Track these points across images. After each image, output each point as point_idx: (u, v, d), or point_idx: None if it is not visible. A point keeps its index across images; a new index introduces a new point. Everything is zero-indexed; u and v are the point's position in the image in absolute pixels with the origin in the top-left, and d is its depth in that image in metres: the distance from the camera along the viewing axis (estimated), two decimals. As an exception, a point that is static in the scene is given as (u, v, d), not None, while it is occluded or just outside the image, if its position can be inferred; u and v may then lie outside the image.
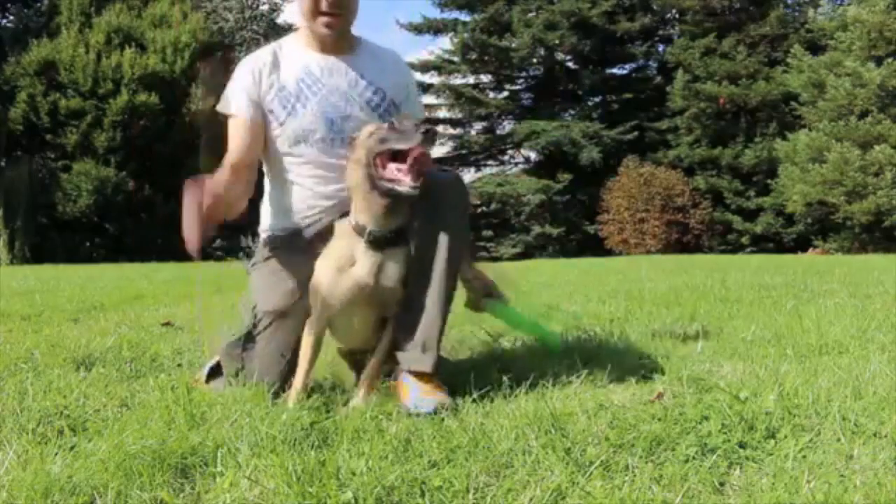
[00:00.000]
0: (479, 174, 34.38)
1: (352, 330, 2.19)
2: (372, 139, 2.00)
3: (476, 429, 1.72)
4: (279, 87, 2.23)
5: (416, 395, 2.02)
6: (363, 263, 2.03)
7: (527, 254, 28.67)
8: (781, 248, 26.94)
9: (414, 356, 2.11)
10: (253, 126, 2.22)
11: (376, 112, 2.24)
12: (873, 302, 4.27)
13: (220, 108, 2.28)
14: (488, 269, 2.50)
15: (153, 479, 1.46)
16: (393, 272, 2.05)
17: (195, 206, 1.86)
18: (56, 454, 1.60)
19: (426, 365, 2.09)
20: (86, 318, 4.52)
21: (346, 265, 2.04)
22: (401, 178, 1.95)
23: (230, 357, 2.27)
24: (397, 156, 1.96)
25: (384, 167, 1.98)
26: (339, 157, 2.18)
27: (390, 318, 2.15)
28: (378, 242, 2.02)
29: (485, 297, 2.42)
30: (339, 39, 2.24)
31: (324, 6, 2.14)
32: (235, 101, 2.24)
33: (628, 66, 34.11)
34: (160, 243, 23.41)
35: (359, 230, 2.03)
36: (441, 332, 2.14)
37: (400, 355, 2.14)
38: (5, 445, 1.69)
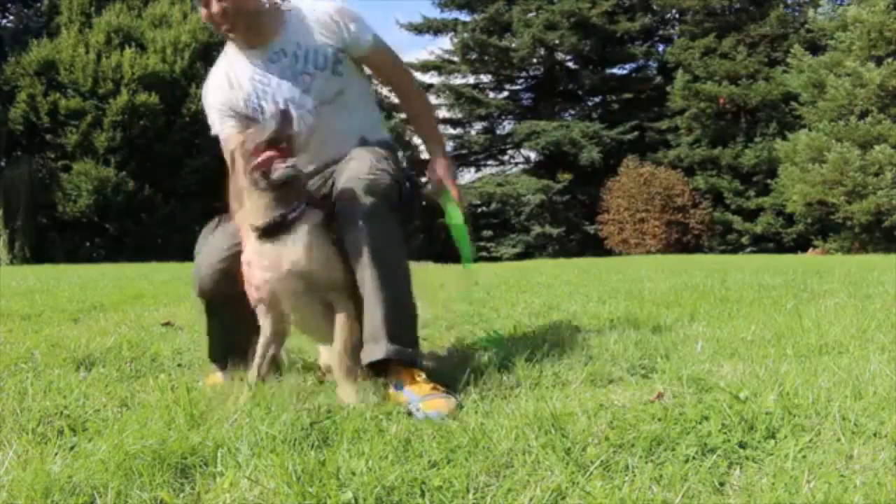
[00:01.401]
0: (479, 174, 34.44)
1: (304, 321, 2.27)
2: (242, 147, 2.10)
3: (476, 429, 1.72)
4: (244, 95, 2.30)
5: (416, 402, 1.98)
6: (262, 257, 2.12)
7: (527, 254, 28.68)
8: (781, 248, 26.95)
9: (366, 350, 2.13)
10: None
11: (329, 69, 2.26)
12: (873, 302, 4.27)
13: (212, 132, 2.39)
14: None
15: (153, 479, 1.46)
16: (294, 254, 2.09)
17: None
18: (56, 454, 1.60)
19: (377, 353, 2.09)
20: (86, 318, 4.51)
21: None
22: (271, 165, 2.04)
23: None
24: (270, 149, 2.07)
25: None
26: (308, 125, 2.26)
27: (337, 304, 2.17)
28: (267, 233, 2.10)
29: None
30: (256, 33, 2.23)
31: (213, 27, 2.24)
32: (214, 123, 2.36)
33: (628, 66, 34.20)
34: (160, 243, 23.43)
35: (254, 230, 2.13)
36: (387, 317, 2.11)
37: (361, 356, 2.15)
38: (5, 445, 1.69)
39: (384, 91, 33.25)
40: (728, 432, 1.62)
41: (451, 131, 34.58)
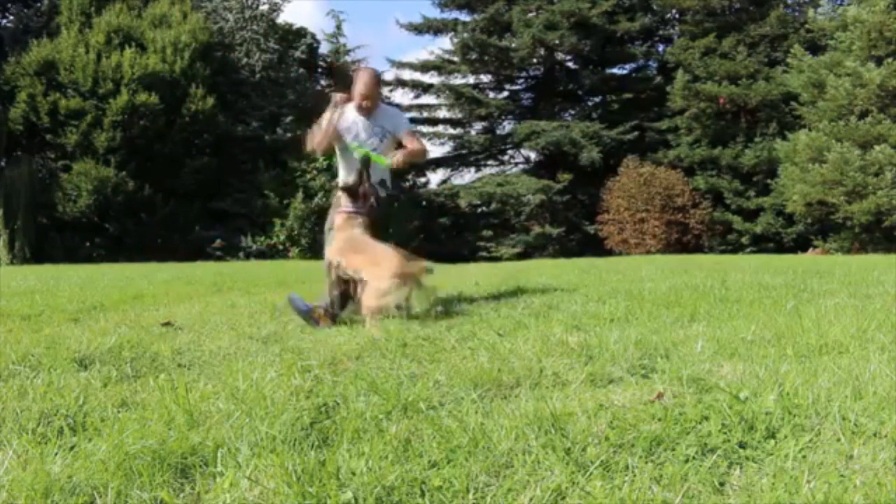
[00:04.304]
0: (479, 174, 34.40)
1: None
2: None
3: (476, 429, 1.72)
4: (345, 126, 4.65)
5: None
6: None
7: (527, 254, 28.66)
8: (781, 248, 26.94)
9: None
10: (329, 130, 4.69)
11: (379, 138, 4.67)
12: (873, 302, 4.27)
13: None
14: None
15: (153, 479, 1.46)
16: None
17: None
18: (56, 454, 1.61)
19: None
20: (86, 318, 4.51)
21: None
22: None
23: None
24: None
25: None
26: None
27: None
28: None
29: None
30: (368, 110, 4.65)
31: (359, 103, 4.64)
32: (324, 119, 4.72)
33: (628, 66, 34.15)
34: (160, 243, 23.42)
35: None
36: None
37: None
38: (5, 445, 1.69)
39: (384, 91, 33.27)
40: (728, 432, 1.62)
41: (451, 131, 34.59)
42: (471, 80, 34.09)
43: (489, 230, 31.26)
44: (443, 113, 34.32)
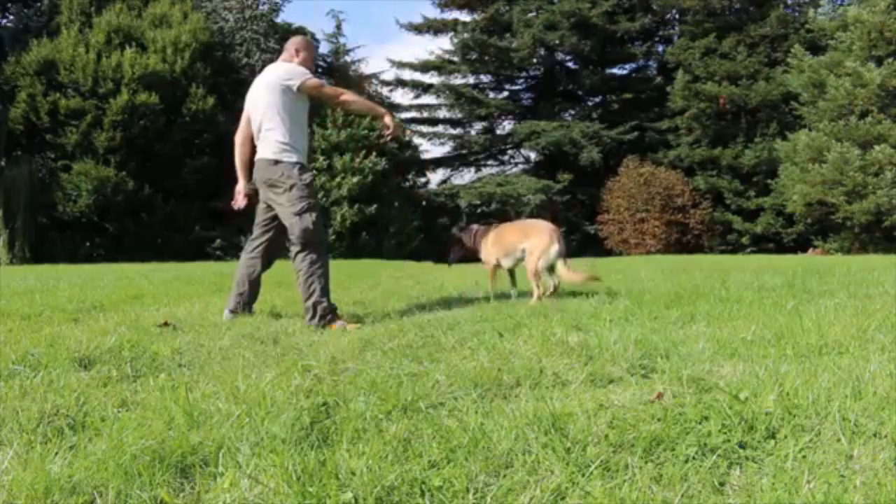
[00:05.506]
0: (479, 174, 34.39)
1: None
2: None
3: (476, 429, 1.72)
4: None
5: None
6: None
7: (527, 254, 28.61)
8: (781, 248, 26.93)
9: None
10: None
11: None
12: (873, 302, 4.27)
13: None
14: None
15: (153, 479, 1.46)
16: None
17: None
18: (56, 454, 1.61)
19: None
20: (86, 318, 4.51)
21: None
22: None
23: None
24: None
25: None
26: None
27: None
28: None
29: None
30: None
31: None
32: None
33: (628, 66, 34.18)
34: (160, 243, 23.41)
35: None
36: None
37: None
38: (5, 445, 1.69)
39: (384, 91, 33.29)
40: (728, 432, 1.62)
41: (452, 131, 34.60)
42: (471, 80, 34.12)
43: (489, 230, 31.21)
44: (443, 113, 34.35)
